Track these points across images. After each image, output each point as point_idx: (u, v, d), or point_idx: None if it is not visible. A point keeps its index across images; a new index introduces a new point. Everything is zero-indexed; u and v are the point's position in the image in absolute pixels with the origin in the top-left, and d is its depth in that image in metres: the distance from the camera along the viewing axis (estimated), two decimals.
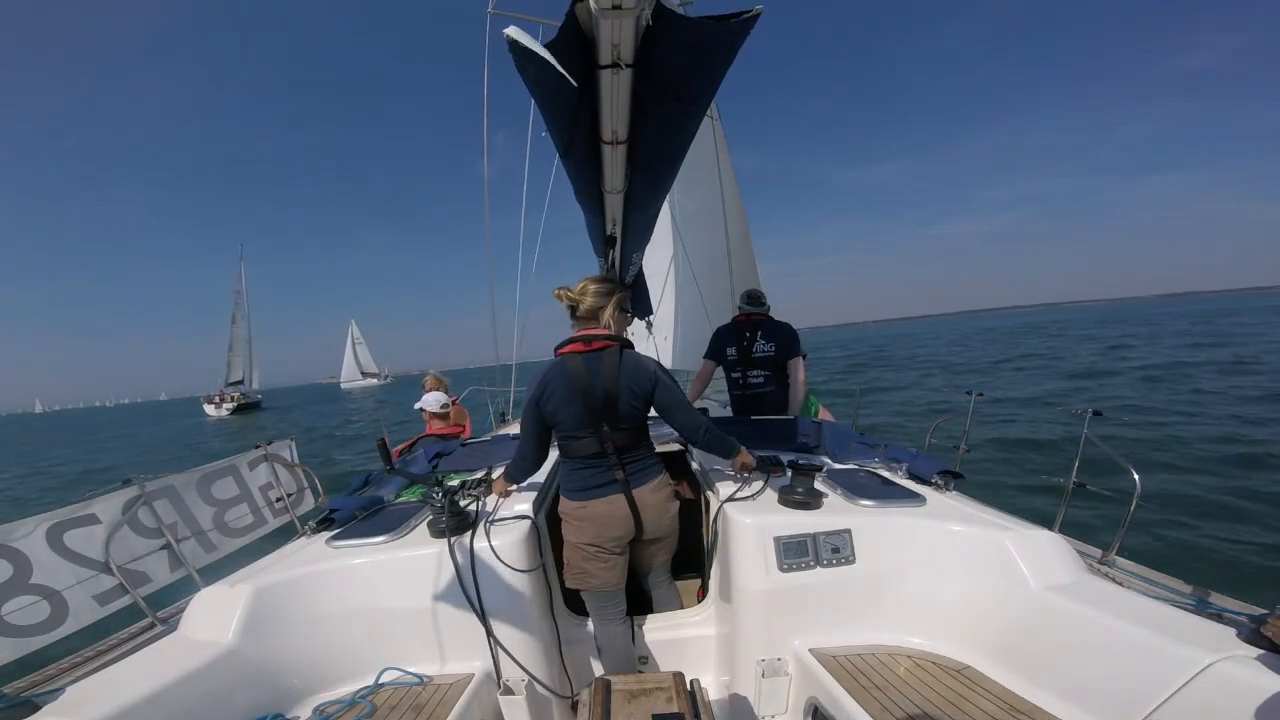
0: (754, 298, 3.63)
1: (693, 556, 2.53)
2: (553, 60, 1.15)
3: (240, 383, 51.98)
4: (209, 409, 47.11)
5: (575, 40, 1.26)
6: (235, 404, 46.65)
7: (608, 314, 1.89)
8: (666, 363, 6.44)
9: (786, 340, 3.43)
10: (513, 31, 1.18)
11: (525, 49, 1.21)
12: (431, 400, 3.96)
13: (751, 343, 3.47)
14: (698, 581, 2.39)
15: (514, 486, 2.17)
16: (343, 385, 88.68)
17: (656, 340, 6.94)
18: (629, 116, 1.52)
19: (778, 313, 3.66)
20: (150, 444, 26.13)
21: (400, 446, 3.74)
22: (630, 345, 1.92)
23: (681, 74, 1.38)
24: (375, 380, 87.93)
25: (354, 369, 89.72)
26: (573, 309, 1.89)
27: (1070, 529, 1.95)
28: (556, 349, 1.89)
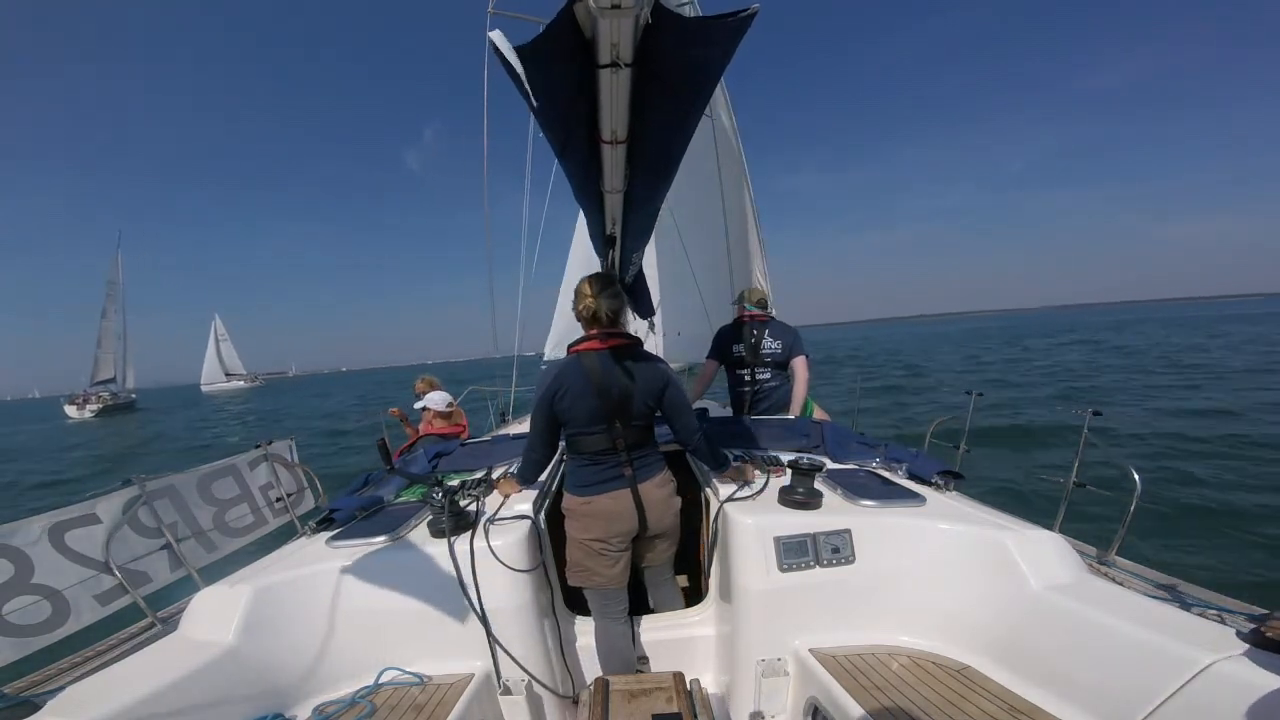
0: (760, 300, 3.65)
1: (692, 556, 2.52)
2: (532, 58, 1.15)
3: (110, 381, 48.36)
4: (70, 410, 42.73)
5: (571, 40, 1.26)
6: (101, 405, 42.93)
7: (623, 316, 1.92)
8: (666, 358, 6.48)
9: (792, 339, 3.47)
10: (496, 36, 1.18)
11: (514, 50, 1.21)
12: (438, 399, 3.97)
13: (759, 341, 3.49)
14: (698, 581, 2.39)
15: (522, 488, 2.18)
16: (203, 388, 78.33)
17: (658, 338, 6.95)
18: (628, 116, 1.52)
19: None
20: None
21: (400, 447, 3.74)
22: (642, 344, 1.95)
23: (680, 73, 1.38)
24: (242, 382, 77.76)
25: (216, 370, 79.07)
26: (594, 317, 1.89)
27: (1070, 529, 1.95)
28: (570, 347, 1.91)
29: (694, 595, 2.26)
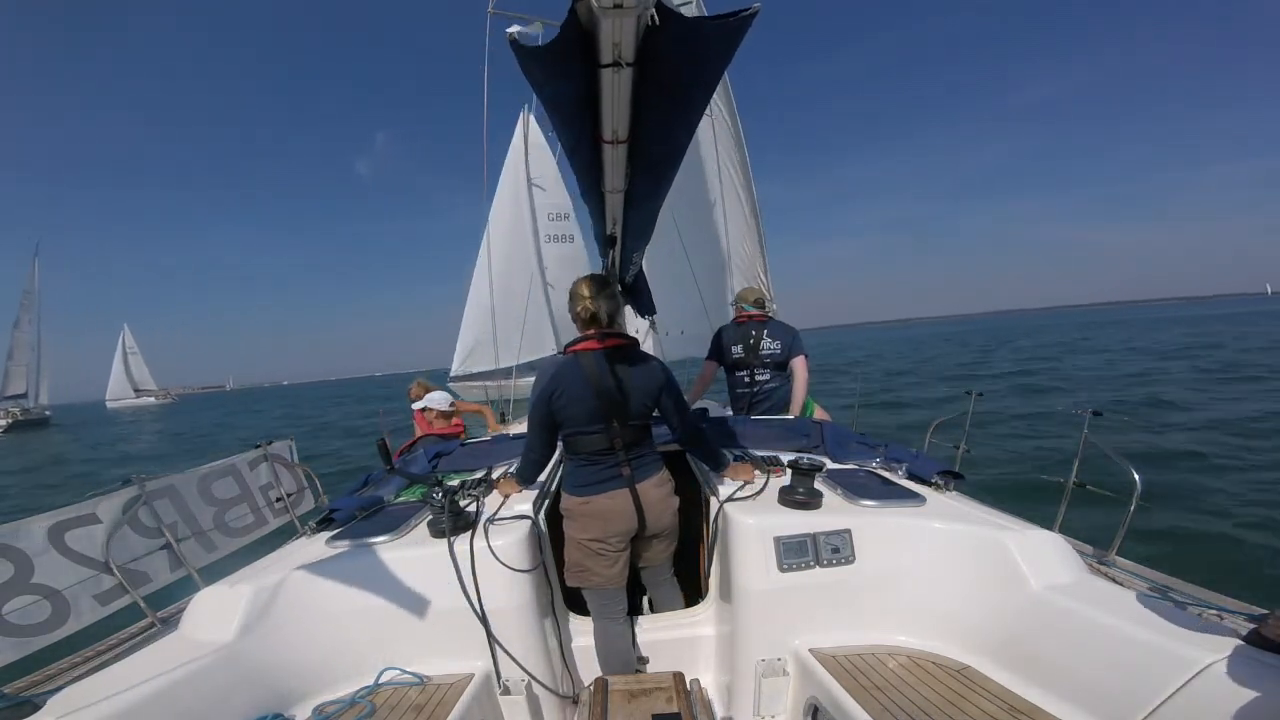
0: (757, 300, 3.65)
1: (692, 556, 2.53)
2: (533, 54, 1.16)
3: (22, 396, 45.99)
4: None
5: (577, 39, 1.26)
6: (11, 420, 40.67)
7: (619, 316, 1.94)
8: (663, 356, 6.48)
9: (791, 339, 3.46)
10: (515, 31, 1.18)
11: (528, 49, 1.21)
12: (439, 399, 3.98)
13: (758, 342, 3.49)
14: (698, 581, 2.39)
15: (522, 488, 2.19)
16: (109, 404, 71.44)
17: (659, 337, 6.93)
18: (629, 116, 1.52)
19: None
20: None
21: (401, 447, 3.74)
22: (639, 344, 1.96)
23: (681, 73, 1.38)
24: (153, 399, 71.90)
25: (125, 385, 72.50)
26: (593, 318, 1.89)
27: (1070, 529, 1.95)
28: (567, 346, 1.93)
29: (694, 595, 2.26)
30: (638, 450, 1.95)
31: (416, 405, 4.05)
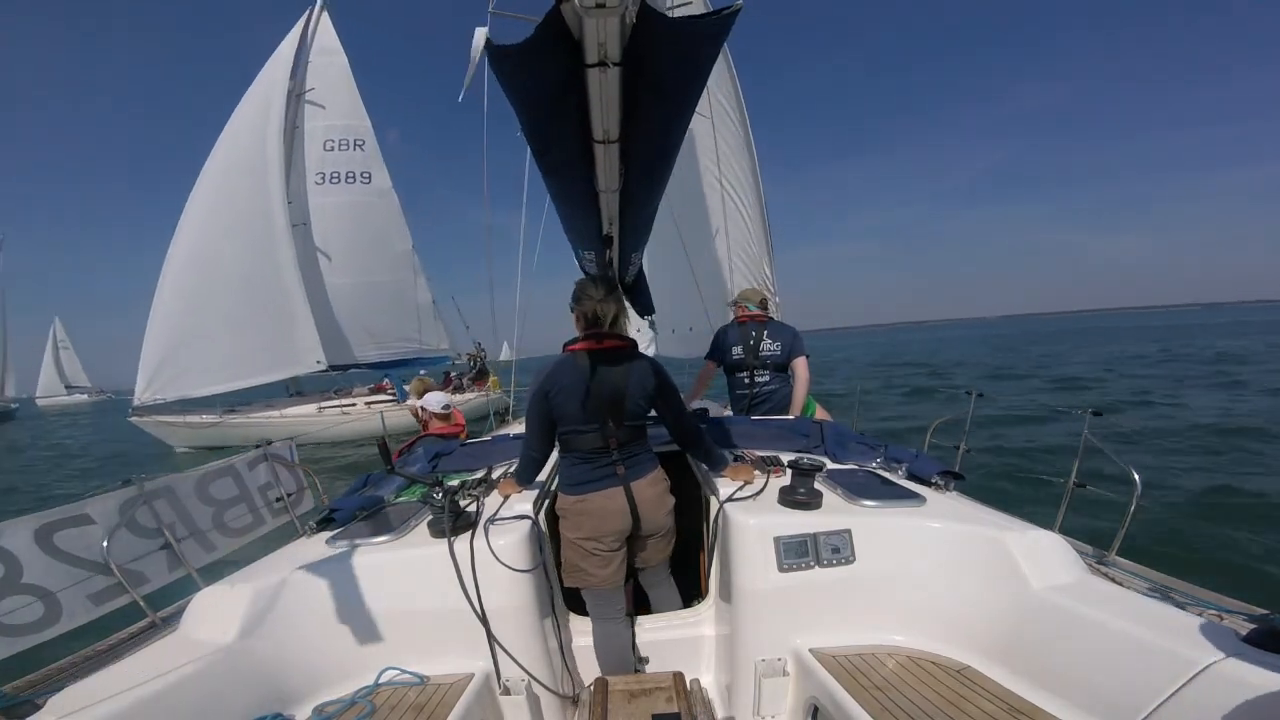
0: (760, 300, 3.64)
1: (692, 556, 2.53)
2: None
3: None
4: None
5: (560, 39, 1.26)
6: None
7: (621, 318, 1.95)
8: (659, 352, 6.45)
9: (791, 340, 3.45)
10: (483, 32, 1.20)
11: (500, 48, 1.22)
12: (433, 400, 3.98)
13: (758, 343, 3.48)
14: (698, 581, 2.39)
15: (522, 489, 2.19)
16: (39, 401, 62.71)
17: (659, 336, 6.91)
18: (619, 115, 1.52)
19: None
20: None
21: (400, 447, 3.74)
22: (636, 345, 1.97)
23: (668, 71, 1.38)
24: (85, 396, 64.72)
25: (55, 381, 64.31)
26: (595, 319, 1.90)
27: (1070, 529, 1.95)
28: (566, 345, 1.94)
29: (694, 595, 2.26)
30: (632, 449, 1.96)
31: (410, 402, 4.04)
